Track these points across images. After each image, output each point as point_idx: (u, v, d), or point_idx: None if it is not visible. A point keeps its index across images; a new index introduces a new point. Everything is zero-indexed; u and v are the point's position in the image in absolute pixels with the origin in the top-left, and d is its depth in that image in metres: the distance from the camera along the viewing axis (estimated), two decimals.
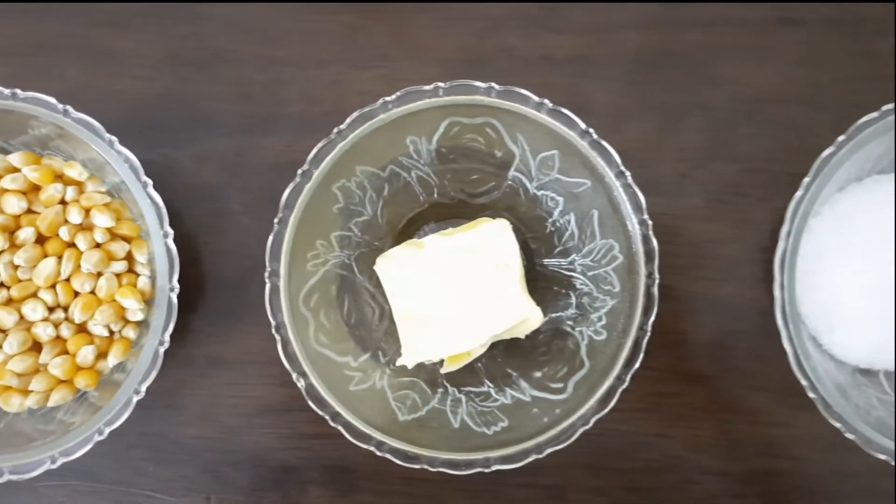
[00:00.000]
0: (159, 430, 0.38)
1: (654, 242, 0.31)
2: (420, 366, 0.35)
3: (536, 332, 0.37)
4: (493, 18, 0.39)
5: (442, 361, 0.35)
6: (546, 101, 0.32)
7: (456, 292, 0.33)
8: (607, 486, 0.38)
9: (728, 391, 0.38)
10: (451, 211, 0.37)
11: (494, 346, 0.37)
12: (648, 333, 0.32)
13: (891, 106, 0.32)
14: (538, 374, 0.35)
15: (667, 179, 0.38)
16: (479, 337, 0.33)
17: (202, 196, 0.38)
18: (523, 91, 0.32)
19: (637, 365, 0.31)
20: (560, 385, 0.33)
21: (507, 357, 0.37)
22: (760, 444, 0.38)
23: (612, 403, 0.31)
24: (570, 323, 0.35)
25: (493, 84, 0.31)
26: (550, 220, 0.36)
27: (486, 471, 0.31)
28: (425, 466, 0.31)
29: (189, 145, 0.38)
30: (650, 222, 0.32)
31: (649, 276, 0.31)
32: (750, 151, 0.38)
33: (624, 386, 0.31)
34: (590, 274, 0.35)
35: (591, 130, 0.32)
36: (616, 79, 0.38)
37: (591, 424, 0.31)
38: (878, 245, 0.35)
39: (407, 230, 0.37)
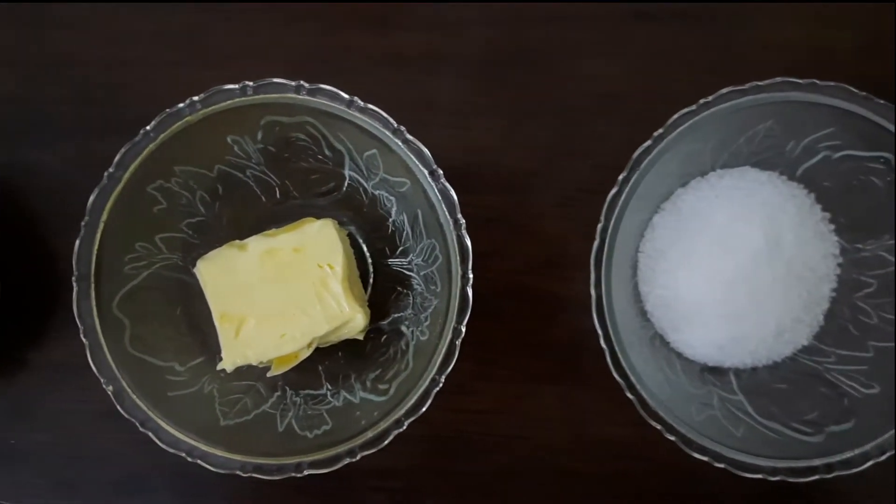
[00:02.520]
0: (3, 436, 0.38)
1: (468, 243, 0.31)
2: (263, 369, 0.34)
3: (379, 333, 0.36)
4: (339, 16, 0.38)
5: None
6: (356, 98, 0.31)
7: (278, 294, 0.33)
8: (460, 488, 0.37)
9: (581, 392, 0.37)
10: (298, 211, 0.37)
11: (338, 347, 0.36)
12: (463, 334, 0.31)
13: (709, 98, 0.31)
14: (373, 376, 0.34)
15: (518, 177, 0.38)
16: (302, 339, 0.32)
17: (42, 199, 0.38)
18: (333, 89, 0.31)
19: (450, 367, 0.31)
20: (386, 387, 0.33)
21: (349, 359, 0.36)
22: (614, 444, 0.37)
23: (426, 406, 0.31)
24: (406, 323, 0.35)
25: (303, 82, 0.31)
26: (390, 219, 0.36)
27: (299, 475, 0.31)
28: (237, 472, 0.31)
29: (28, 147, 0.38)
30: (463, 222, 0.31)
31: (464, 276, 0.31)
32: (601, 147, 0.37)
33: (438, 388, 0.31)
34: (422, 274, 0.34)
35: (403, 128, 0.31)
36: (466, 76, 0.38)
37: (404, 427, 0.31)
38: (718, 242, 0.34)
39: (254, 232, 0.37)
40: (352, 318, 0.32)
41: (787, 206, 0.35)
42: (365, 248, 0.37)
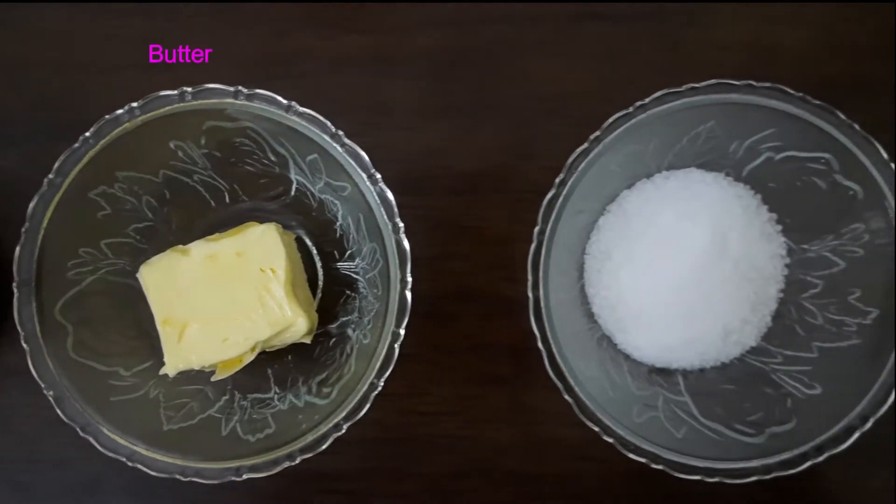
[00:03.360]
0: None
1: (407, 246, 0.31)
2: (212, 373, 0.35)
3: (327, 337, 0.37)
4: (290, 19, 0.38)
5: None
6: (294, 103, 0.31)
7: (221, 298, 0.33)
8: (413, 490, 0.37)
9: (531, 393, 0.37)
10: (247, 215, 0.37)
11: (287, 351, 0.36)
12: (402, 337, 0.31)
13: (645, 101, 0.31)
14: (318, 380, 0.34)
15: (469, 179, 0.38)
16: (245, 343, 0.33)
17: None
18: (270, 94, 0.31)
19: (389, 371, 0.31)
20: (329, 390, 0.33)
21: (297, 362, 0.36)
22: (562, 445, 0.37)
23: (364, 409, 0.31)
24: (352, 327, 0.35)
25: (241, 87, 0.31)
26: (337, 223, 0.36)
27: (239, 479, 0.31)
28: (177, 476, 0.31)
29: None
30: (402, 226, 0.31)
31: (402, 280, 0.31)
32: (551, 149, 0.37)
33: (377, 391, 0.31)
34: (367, 277, 0.34)
35: (341, 133, 0.31)
36: (417, 78, 0.38)
37: (343, 430, 0.31)
38: (664, 243, 0.34)
39: (204, 236, 0.37)
40: (294, 323, 0.33)
41: (733, 208, 0.35)
42: (314, 252, 0.38)
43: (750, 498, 0.37)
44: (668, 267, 0.34)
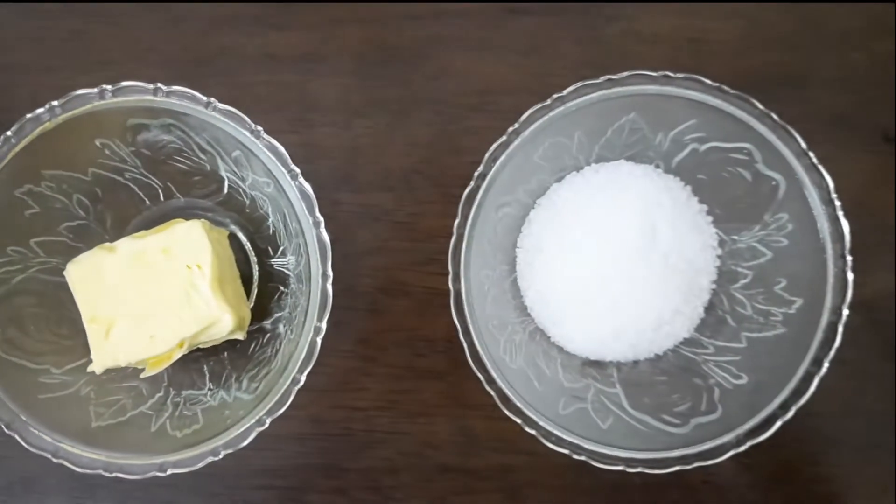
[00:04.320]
0: None
1: (327, 241, 0.31)
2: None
3: (262, 333, 0.37)
4: (217, 18, 0.38)
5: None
6: (213, 100, 0.31)
7: (148, 295, 0.33)
8: (347, 486, 0.38)
9: (464, 386, 0.37)
10: (182, 213, 0.37)
11: (223, 347, 0.37)
12: (323, 332, 0.31)
13: (562, 93, 0.31)
14: (249, 375, 0.34)
15: (398, 175, 0.38)
16: (171, 340, 0.33)
17: None
18: (189, 90, 0.31)
19: (311, 366, 0.31)
20: (256, 385, 0.33)
21: (232, 358, 0.36)
22: (496, 438, 0.37)
23: (286, 404, 0.31)
24: (284, 322, 0.35)
25: (160, 84, 0.31)
26: (269, 220, 0.36)
27: (162, 474, 0.31)
28: (101, 471, 0.31)
29: None
30: (321, 220, 0.31)
31: (324, 274, 0.31)
32: (480, 143, 0.37)
33: (299, 386, 0.31)
34: (295, 273, 0.34)
35: (260, 129, 0.31)
36: (344, 74, 0.38)
37: (266, 425, 0.31)
38: (594, 236, 0.34)
39: None
40: (220, 319, 0.33)
41: (663, 199, 0.35)
42: (249, 249, 0.38)
43: (689, 488, 0.37)
44: (598, 260, 0.34)
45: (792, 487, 0.37)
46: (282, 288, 0.37)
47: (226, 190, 0.36)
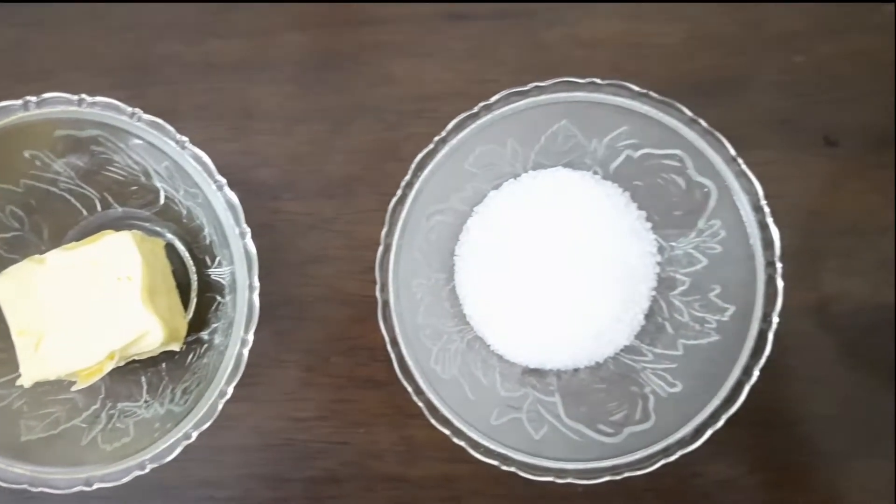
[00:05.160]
0: None
1: (253, 251, 0.31)
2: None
3: (200, 344, 0.36)
4: (156, 26, 0.38)
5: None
6: (138, 110, 0.31)
7: (77, 307, 0.32)
8: (289, 496, 0.37)
9: (404, 395, 0.37)
10: (120, 224, 0.37)
11: (161, 358, 0.36)
12: (250, 344, 0.31)
13: (490, 101, 0.31)
14: (183, 387, 0.34)
15: (338, 182, 0.38)
16: (101, 352, 0.32)
17: None
18: (113, 101, 0.31)
19: (238, 378, 0.31)
20: (187, 398, 0.33)
21: (170, 370, 0.36)
22: (438, 448, 0.37)
23: (213, 417, 0.31)
24: (219, 333, 0.35)
25: (84, 95, 0.31)
26: (206, 230, 0.36)
27: (88, 489, 0.31)
28: (26, 486, 0.31)
29: None
30: (247, 231, 0.31)
31: (250, 285, 0.31)
32: (418, 151, 0.37)
33: (226, 398, 0.31)
34: (229, 283, 0.34)
35: (186, 139, 0.31)
36: (284, 82, 0.38)
37: (193, 438, 0.31)
38: (532, 243, 0.34)
39: None
40: (149, 331, 0.32)
41: (601, 206, 0.34)
42: (188, 259, 0.38)
43: (633, 497, 0.37)
44: (536, 268, 0.34)
45: (740, 496, 0.37)
46: (219, 298, 0.36)
47: (162, 200, 0.36)
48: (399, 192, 0.31)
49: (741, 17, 0.37)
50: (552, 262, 0.34)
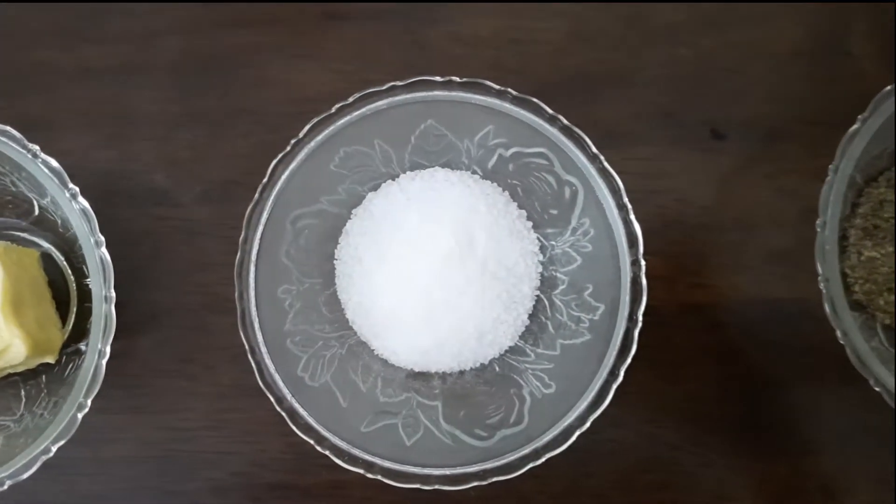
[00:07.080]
0: None
1: (109, 261, 0.30)
2: None
3: (78, 355, 0.36)
4: (29, 32, 0.37)
5: None
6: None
7: None
8: None
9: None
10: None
11: (41, 371, 0.36)
12: (108, 356, 0.30)
13: (348, 101, 0.31)
14: (55, 400, 0.33)
15: (220, 187, 0.37)
16: None
17: None
18: None
19: (97, 390, 0.30)
20: (56, 411, 0.32)
21: (49, 382, 0.35)
22: (326, 455, 0.36)
23: (73, 431, 0.30)
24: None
25: None
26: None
27: None
28: None
29: None
30: (102, 240, 0.30)
31: (107, 297, 0.30)
32: None
33: (86, 411, 0.30)
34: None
35: (37, 147, 0.30)
36: (160, 87, 0.37)
37: (52, 454, 0.30)
38: (410, 245, 0.34)
39: None
40: (11, 345, 0.32)
41: (479, 206, 0.34)
42: (66, 269, 0.37)
43: (524, 499, 0.36)
44: (416, 269, 0.33)
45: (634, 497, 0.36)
46: None
47: (37, 210, 0.35)
48: (256, 197, 0.31)
49: (623, 11, 0.36)
50: (430, 263, 0.33)
